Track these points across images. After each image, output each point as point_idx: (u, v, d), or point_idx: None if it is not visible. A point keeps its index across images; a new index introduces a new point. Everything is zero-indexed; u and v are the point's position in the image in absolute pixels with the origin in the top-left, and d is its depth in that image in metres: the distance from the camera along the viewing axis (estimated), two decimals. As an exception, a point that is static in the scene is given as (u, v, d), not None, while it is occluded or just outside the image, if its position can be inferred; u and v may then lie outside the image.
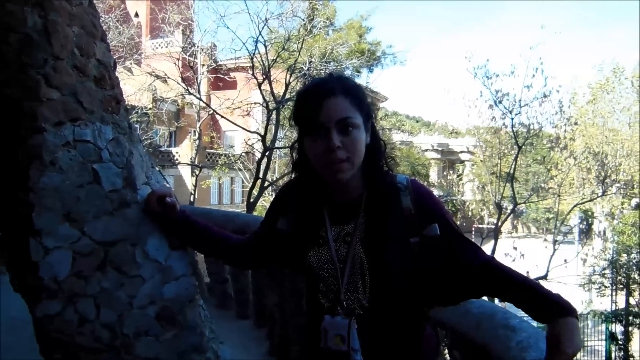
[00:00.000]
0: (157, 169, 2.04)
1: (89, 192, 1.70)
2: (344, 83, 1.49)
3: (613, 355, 15.82)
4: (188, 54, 18.18)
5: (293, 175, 1.62)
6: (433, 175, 39.46)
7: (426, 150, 40.56)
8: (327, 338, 1.45)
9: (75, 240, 1.67)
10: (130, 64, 20.68)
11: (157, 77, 17.38)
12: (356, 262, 1.46)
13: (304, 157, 1.52)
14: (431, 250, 1.46)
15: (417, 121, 61.41)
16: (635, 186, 20.94)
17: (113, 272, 1.72)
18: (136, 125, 17.30)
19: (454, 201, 36.97)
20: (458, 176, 40.41)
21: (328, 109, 1.42)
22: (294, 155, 1.59)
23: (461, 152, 41.85)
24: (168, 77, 16.65)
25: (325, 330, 1.46)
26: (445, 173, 41.50)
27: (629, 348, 15.02)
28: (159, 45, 24.90)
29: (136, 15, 29.59)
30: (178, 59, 17.03)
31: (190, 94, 16.28)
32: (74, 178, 1.68)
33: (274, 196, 1.81)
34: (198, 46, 18.41)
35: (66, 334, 1.68)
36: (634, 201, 21.49)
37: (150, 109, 19.20)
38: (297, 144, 1.57)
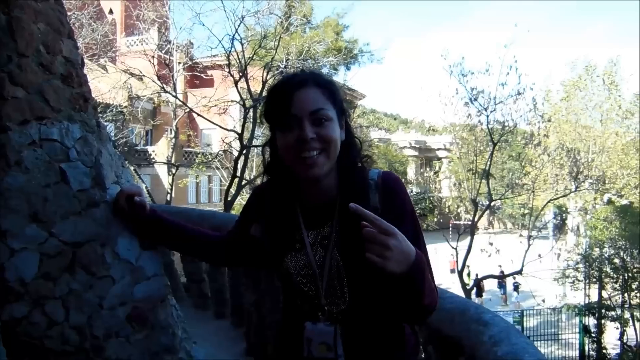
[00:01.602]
0: (131, 168, 2.01)
1: (56, 192, 1.67)
2: (316, 76, 1.44)
3: (586, 347, 16.18)
4: (164, 51, 17.95)
5: (265, 178, 1.56)
6: (410, 173, 39.75)
7: (404, 147, 40.88)
8: (310, 347, 1.40)
9: (43, 241, 1.64)
10: (105, 61, 20.37)
11: (132, 74, 17.16)
12: (333, 266, 1.41)
13: (276, 157, 1.46)
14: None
15: (395, 119, 61.81)
16: (607, 182, 21.41)
17: (82, 273, 1.69)
18: (110, 124, 17.07)
19: (431, 198, 37.30)
20: (435, 173, 40.81)
21: (300, 100, 1.36)
22: (266, 155, 1.53)
23: (438, 149, 42.26)
24: (143, 75, 16.45)
25: (309, 340, 1.40)
26: (422, 170, 41.89)
27: (602, 340, 15.35)
28: (134, 42, 24.54)
29: (110, 12, 29.13)
30: (153, 57, 16.82)
31: (166, 91, 16.10)
32: (40, 178, 1.64)
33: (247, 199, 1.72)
34: (174, 44, 18.19)
35: (34, 337, 1.65)
36: (606, 196, 21.99)
37: (125, 107, 18.90)
38: (268, 143, 1.51)
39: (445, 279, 21.62)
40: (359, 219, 1.21)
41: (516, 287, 22.43)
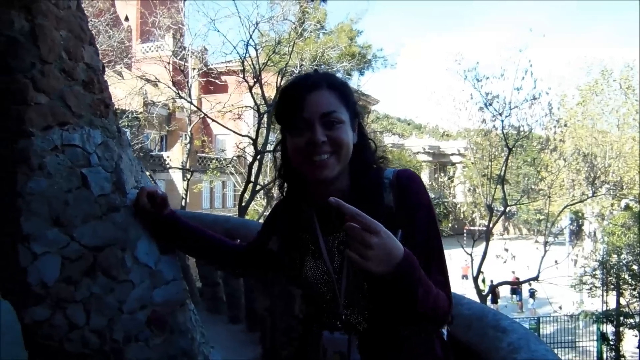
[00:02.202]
0: (147, 173, 2.03)
1: (78, 196, 1.69)
2: (329, 78, 1.40)
3: (604, 355, 15.94)
4: (179, 57, 18.12)
5: (277, 182, 1.54)
6: (424, 178, 39.54)
7: (417, 152, 40.72)
8: (326, 356, 1.37)
9: (64, 245, 1.66)
10: (121, 67, 20.61)
11: (148, 80, 17.34)
12: (351, 272, 1.36)
13: (287, 160, 1.45)
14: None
15: (409, 124, 61.61)
16: (624, 187, 21.12)
17: (102, 277, 1.70)
18: (126, 130, 17.23)
19: (446, 203, 37.08)
20: (449, 178, 40.60)
21: (312, 103, 1.33)
22: (277, 159, 1.51)
23: (452, 154, 42.04)
24: (159, 81, 16.61)
25: (324, 349, 1.37)
26: (436, 175, 41.68)
27: (620, 348, 15.12)
28: (150, 49, 24.81)
29: (126, 19, 29.48)
30: (169, 63, 16.98)
31: (181, 97, 16.23)
32: (62, 183, 1.67)
33: (266, 202, 1.71)
34: (189, 50, 18.35)
35: (55, 340, 1.66)
36: (623, 202, 21.68)
37: (140, 113, 19.11)
38: (279, 146, 1.49)
39: (456, 286, 21.47)
40: (341, 214, 1.14)
41: (532, 294, 22.19)
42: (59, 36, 1.72)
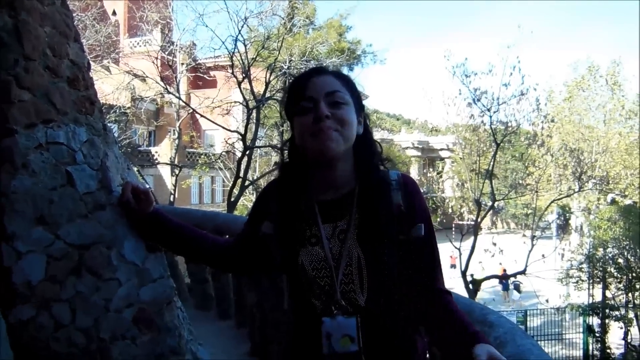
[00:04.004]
0: (135, 169, 2.01)
1: (63, 194, 1.67)
2: (334, 70, 1.49)
3: (590, 347, 16.13)
4: (167, 52, 17.97)
5: (278, 173, 1.55)
6: (413, 173, 39.69)
7: (406, 148, 40.84)
8: (331, 342, 1.35)
9: (49, 244, 1.65)
10: (108, 62, 20.40)
11: (136, 76, 17.18)
12: (353, 259, 1.39)
13: (294, 152, 1.49)
14: (412, 252, 1.41)
15: (398, 119, 61.77)
16: (610, 182, 21.35)
17: (88, 275, 1.69)
18: (114, 125, 17.10)
19: (434, 198, 37.25)
20: (438, 173, 40.76)
21: (317, 83, 1.40)
22: (284, 154, 1.55)
23: (441, 149, 42.19)
24: (147, 76, 16.47)
25: (329, 334, 1.36)
26: (425, 170, 41.85)
27: (606, 340, 15.32)
28: (137, 43, 24.60)
29: (114, 13, 29.18)
30: (157, 58, 16.86)
31: (169, 92, 16.13)
32: (46, 181, 1.65)
33: (255, 198, 1.72)
34: (177, 45, 18.22)
35: (41, 340, 1.65)
36: (609, 196, 21.91)
37: (128, 108, 18.94)
38: (287, 143, 1.54)
39: (445, 275, 21.50)
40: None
41: (517, 287, 22.41)
42: (43, 33, 1.70)
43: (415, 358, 1.45)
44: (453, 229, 23.09)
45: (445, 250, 20.47)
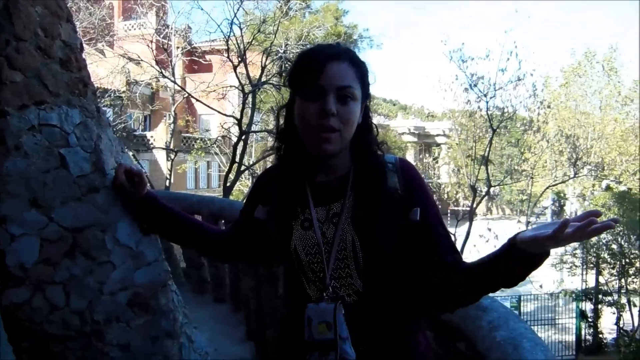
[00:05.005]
0: (130, 153, 2.00)
1: (56, 177, 1.66)
2: (351, 53, 1.41)
3: (583, 332, 16.32)
4: (162, 36, 17.81)
5: (275, 144, 1.49)
6: (410, 159, 39.66)
7: (403, 133, 40.75)
8: (311, 328, 1.31)
9: (43, 226, 1.64)
10: (102, 45, 20.21)
11: (130, 59, 17.04)
12: (347, 243, 1.35)
13: (290, 124, 1.42)
14: (410, 237, 1.38)
15: (394, 104, 61.54)
16: (605, 168, 21.43)
17: (82, 258, 1.68)
18: (109, 109, 16.99)
19: (430, 184, 37.32)
20: (434, 159, 40.78)
21: (331, 73, 1.33)
22: (280, 122, 1.48)
23: (437, 135, 42.13)
24: (141, 60, 16.34)
25: (309, 319, 1.32)
26: (421, 156, 41.82)
27: (598, 325, 15.49)
28: (132, 26, 24.32)
29: (108, -5, 28.83)
30: (151, 41, 16.69)
31: (164, 76, 16.01)
32: (39, 163, 1.63)
33: (252, 183, 1.66)
34: (172, 28, 18.05)
35: (35, 322, 1.65)
36: (604, 183, 22.03)
37: (123, 92, 18.80)
38: (284, 108, 1.46)
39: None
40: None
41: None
42: (34, 12, 1.67)
43: (417, 351, 1.42)
44: (448, 214, 23.20)
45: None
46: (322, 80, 1.32)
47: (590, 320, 15.57)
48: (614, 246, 15.83)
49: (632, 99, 23.36)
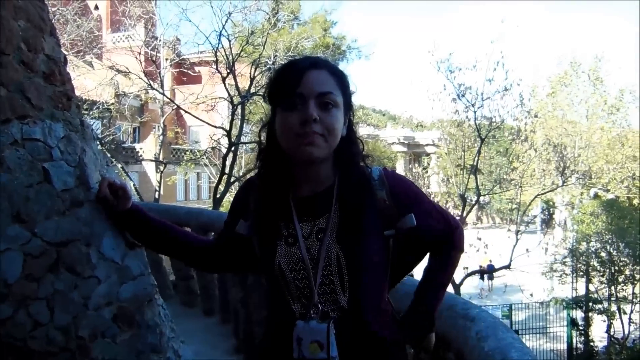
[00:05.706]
0: (119, 165, 1.99)
1: (39, 191, 1.64)
2: (330, 64, 1.39)
3: (574, 340, 16.34)
4: (150, 48, 17.80)
5: (255, 171, 1.48)
6: (399, 168, 39.80)
7: (392, 143, 40.92)
8: (301, 347, 1.30)
9: (26, 241, 1.62)
10: (91, 58, 20.14)
11: (119, 71, 16.98)
12: (332, 259, 1.33)
13: (273, 142, 1.38)
14: (407, 243, 1.39)
15: (383, 114, 61.76)
16: (593, 176, 21.62)
17: (66, 273, 1.67)
18: (97, 122, 16.89)
19: (420, 194, 37.35)
20: (424, 169, 40.93)
21: (311, 80, 1.30)
22: (262, 137, 1.44)
23: (427, 144, 42.35)
24: (130, 72, 16.30)
25: (300, 339, 1.31)
26: (411, 166, 41.98)
27: (589, 333, 15.52)
28: (120, 38, 24.28)
29: (96, 7, 28.76)
30: (140, 53, 16.68)
31: (153, 88, 15.98)
32: (22, 178, 1.62)
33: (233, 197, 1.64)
34: (160, 40, 18.03)
35: (18, 338, 1.63)
36: (592, 191, 22.21)
37: (112, 104, 18.71)
38: (266, 127, 1.43)
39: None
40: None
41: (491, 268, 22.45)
42: (17, 26, 1.67)
43: (391, 352, 1.42)
44: (439, 224, 23.16)
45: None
46: (302, 88, 1.30)
47: (581, 328, 15.59)
48: (603, 254, 15.92)
49: (618, 107, 23.63)
